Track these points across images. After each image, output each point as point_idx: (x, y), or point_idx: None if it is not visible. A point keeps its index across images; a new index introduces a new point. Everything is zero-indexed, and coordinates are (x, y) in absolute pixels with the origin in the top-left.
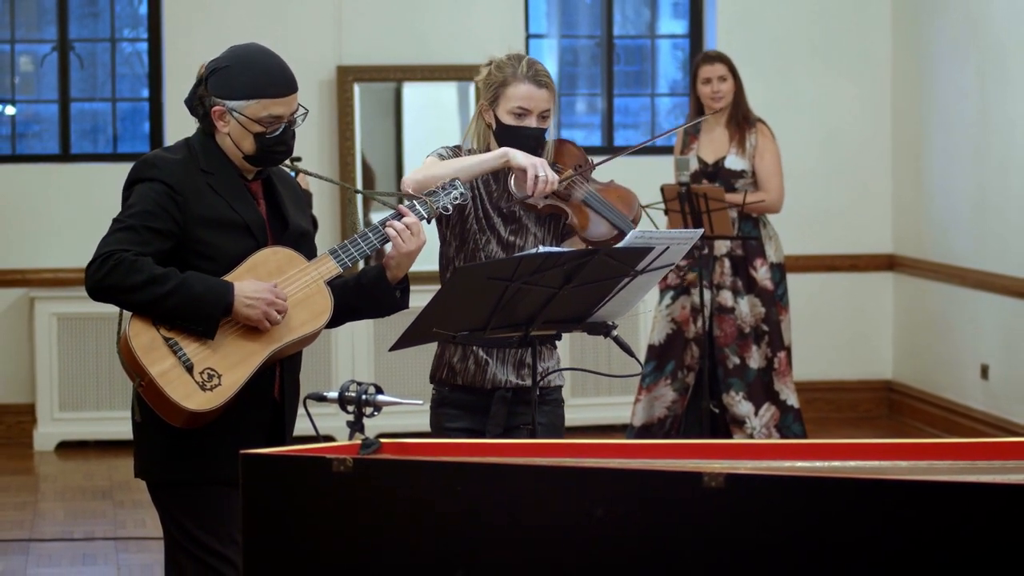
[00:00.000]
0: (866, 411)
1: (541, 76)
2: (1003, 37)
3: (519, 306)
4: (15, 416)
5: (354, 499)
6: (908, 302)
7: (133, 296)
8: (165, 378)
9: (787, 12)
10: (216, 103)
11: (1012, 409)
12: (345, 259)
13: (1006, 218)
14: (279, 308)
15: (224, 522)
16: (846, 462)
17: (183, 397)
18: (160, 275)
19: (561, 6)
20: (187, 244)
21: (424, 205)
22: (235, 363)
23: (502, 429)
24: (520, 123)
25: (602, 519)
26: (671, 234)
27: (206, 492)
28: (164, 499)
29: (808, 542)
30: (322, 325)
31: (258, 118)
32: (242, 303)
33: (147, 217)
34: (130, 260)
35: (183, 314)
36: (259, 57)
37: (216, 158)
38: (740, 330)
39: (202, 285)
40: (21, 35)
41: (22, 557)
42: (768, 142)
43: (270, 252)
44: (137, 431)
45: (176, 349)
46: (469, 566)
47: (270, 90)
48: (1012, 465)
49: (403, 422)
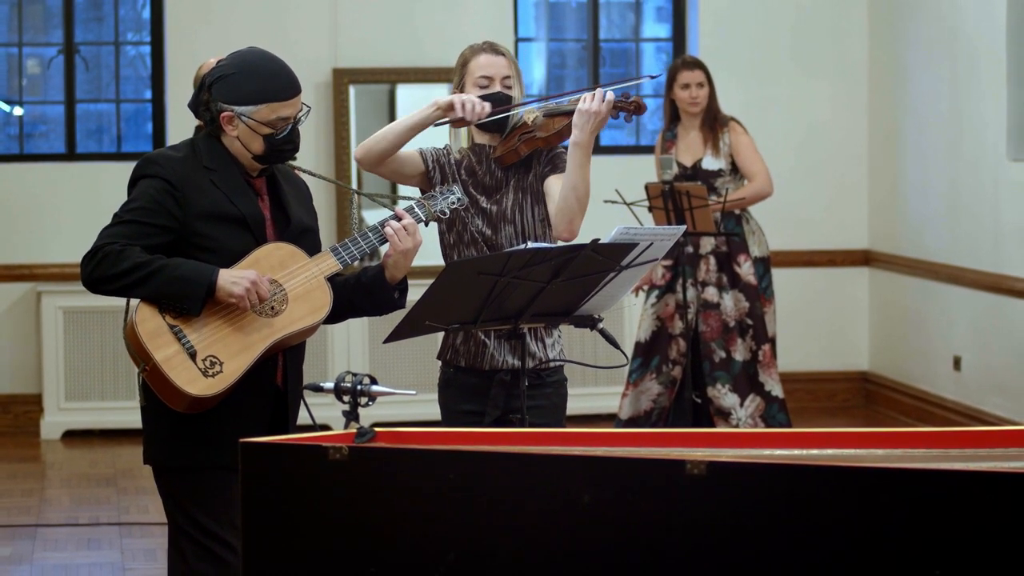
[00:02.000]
0: (843, 401)
1: (497, 47)
2: (975, 41)
3: (508, 300)
4: (23, 406)
5: (350, 486)
6: (883, 296)
7: (121, 282)
8: (169, 364)
9: (767, 16)
10: (224, 109)
11: (983, 399)
12: (345, 256)
13: (978, 216)
14: (261, 292)
15: (226, 507)
16: (824, 450)
17: (186, 382)
18: (145, 261)
19: (549, 10)
20: (188, 237)
21: (422, 208)
22: (237, 351)
23: (500, 411)
24: (486, 92)
25: (589, 505)
26: (655, 230)
27: (209, 477)
28: (168, 484)
29: (787, 527)
30: (322, 319)
31: (267, 121)
32: (227, 280)
33: (143, 212)
34: (116, 251)
35: (168, 292)
36: (263, 63)
37: (220, 156)
38: (725, 324)
39: (187, 266)
40: (28, 38)
41: (29, 542)
42: (740, 135)
43: (273, 247)
44: (144, 417)
45: (180, 336)
46: (461, 550)
47: (279, 94)
48: (983, 453)
49: (397, 411)
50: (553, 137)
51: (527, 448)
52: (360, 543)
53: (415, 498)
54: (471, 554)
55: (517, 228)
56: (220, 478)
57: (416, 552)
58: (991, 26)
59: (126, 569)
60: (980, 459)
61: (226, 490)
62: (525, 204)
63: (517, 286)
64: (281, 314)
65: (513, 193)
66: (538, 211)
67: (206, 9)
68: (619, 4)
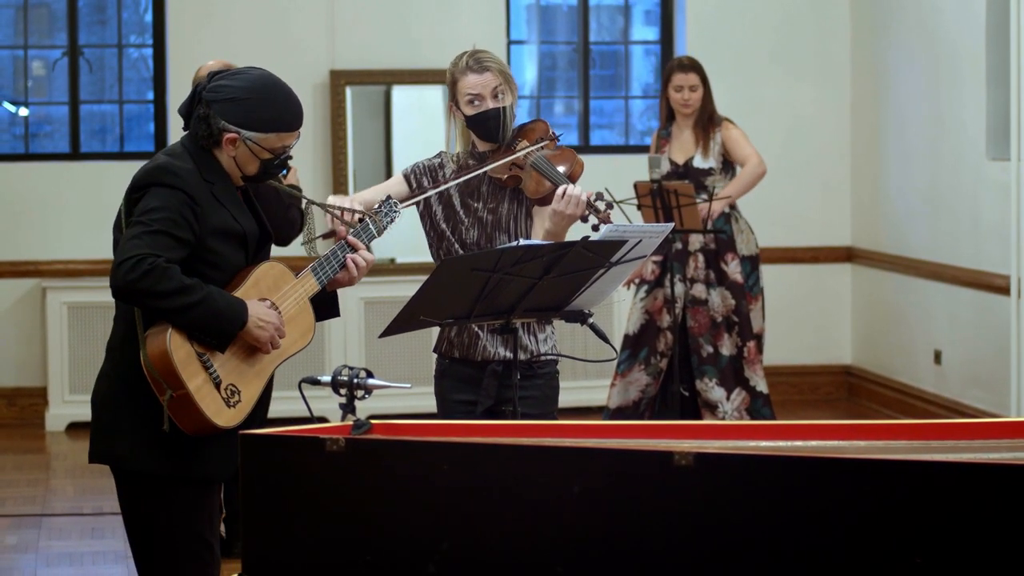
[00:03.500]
0: (826, 394)
1: (483, 61)
2: (955, 44)
3: (501, 295)
4: (28, 399)
5: (346, 476)
6: (866, 292)
7: (161, 302)
8: (200, 393)
9: (753, 20)
10: (229, 129)
11: (963, 392)
12: (323, 277)
13: (958, 213)
14: (281, 334)
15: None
16: (808, 442)
17: (214, 413)
18: (189, 286)
19: (540, 14)
20: (198, 253)
21: (375, 224)
22: (251, 379)
23: (493, 401)
24: (478, 110)
25: (579, 495)
26: (643, 228)
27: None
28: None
29: (772, 516)
30: (309, 342)
31: (272, 148)
32: (255, 323)
33: (172, 224)
34: (163, 267)
35: (203, 326)
36: (278, 92)
37: (215, 169)
38: (712, 320)
39: (223, 301)
40: (34, 41)
41: (35, 531)
42: (730, 130)
43: (268, 267)
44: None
45: (207, 365)
46: (454, 538)
47: (291, 125)
48: (963, 444)
49: (392, 404)
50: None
51: (519, 440)
52: (356, 531)
53: (410, 488)
54: (464, 542)
55: (512, 236)
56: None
57: (410, 540)
58: (971, 29)
59: (128, 558)
60: (960, 450)
61: (212, 496)
62: (520, 214)
63: (509, 282)
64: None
65: (508, 203)
66: (532, 223)
67: (207, 13)
68: (609, 7)
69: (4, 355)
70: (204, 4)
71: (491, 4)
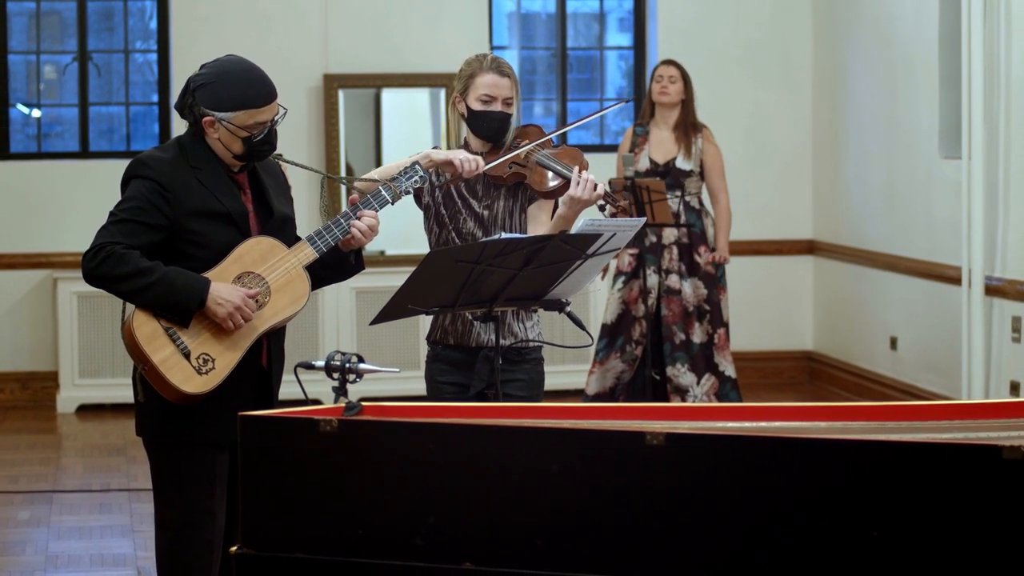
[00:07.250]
0: (789, 378)
1: (504, 67)
2: (910, 50)
3: (484, 285)
4: (40, 382)
5: (339, 455)
6: (826, 282)
7: (120, 285)
8: (165, 365)
9: (721, 27)
10: (206, 113)
11: (917, 376)
12: (321, 245)
13: (912, 208)
14: (245, 315)
15: (211, 479)
16: (771, 423)
17: (182, 381)
18: (145, 268)
19: (521, 21)
20: (179, 234)
21: (389, 190)
22: (227, 348)
23: (484, 384)
24: (487, 108)
25: (557, 474)
26: (617, 222)
27: (198, 452)
28: (159, 457)
29: (738, 493)
30: (301, 308)
31: (245, 125)
32: (213, 300)
33: (138, 212)
34: (119, 252)
35: (162, 304)
36: (241, 72)
37: (204, 156)
38: (685, 309)
39: (181, 280)
40: (45, 47)
41: (46, 506)
42: (711, 146)
43: (253, 242)
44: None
45: (175, 338)
46: (439, 513)
47: (255, 101)
48: (918, 425)
49: (382, 387)
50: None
51: (501, 421)
52: (348, 506)
53: (398, 466)
54: (448, 517)
55: (507, 231)
56: (207, 453)
57: (398, 515)
58: (924, 36)
59: (135, 531)
60: (914, 431)
61: (212, 463)
62: (515, 210)
63: (492, 273)
64: (265, 306)
65: (504, 200)
66: (526, 218)
67: (208, 20)
68: (585, 15)
69: (18, 341)
70: (205, 13)
71: (475, 12)
